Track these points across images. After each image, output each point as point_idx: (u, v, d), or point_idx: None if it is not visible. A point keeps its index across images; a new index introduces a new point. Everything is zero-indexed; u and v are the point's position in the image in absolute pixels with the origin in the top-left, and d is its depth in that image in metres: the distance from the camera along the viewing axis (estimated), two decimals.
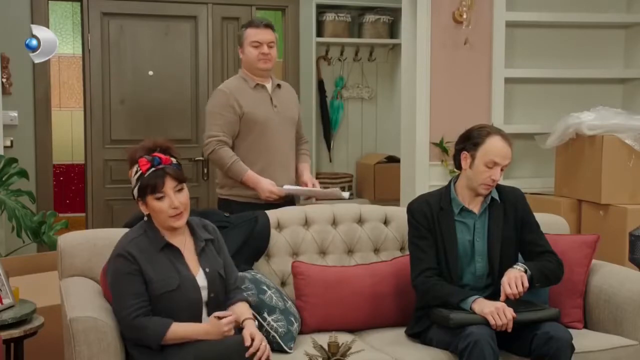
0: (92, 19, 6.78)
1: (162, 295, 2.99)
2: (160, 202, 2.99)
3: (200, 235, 3.16)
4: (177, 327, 2.94)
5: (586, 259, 3.82)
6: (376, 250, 3.98)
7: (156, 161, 2.99)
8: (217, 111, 4.27)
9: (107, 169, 7.02)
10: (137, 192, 3.01)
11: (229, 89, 4.34)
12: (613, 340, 3.56)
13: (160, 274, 3.01)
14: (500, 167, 3.48)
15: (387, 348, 3.45)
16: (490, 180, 3.46)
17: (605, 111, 5.32)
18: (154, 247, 3.05)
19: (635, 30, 6.14)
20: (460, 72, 5.73)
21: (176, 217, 3.02)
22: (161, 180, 2.98)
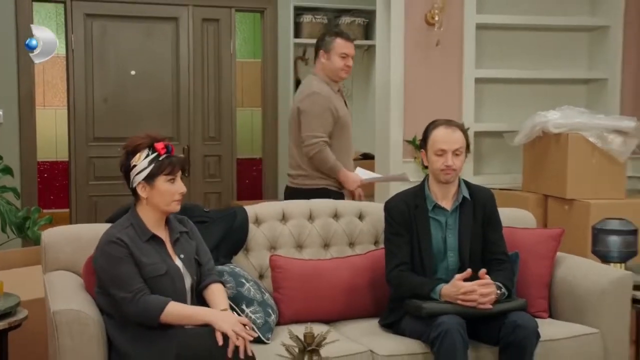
0: (76, 20, 6.76)
1: (152, 279, 3.01)
2: (171, 185, 3.08)
3: (176, 227, 3.20)
4: (175, 306, 2.96)
5: (551, 251, 3.85)
6: (351, 244, 3.99)
7: (169, 148, 3.11)
8: (320, 113, 4.44)
9: (90, 165, 7.03)
10: (149, 173, 3.05)
11: (324, 92, 4.50)
12: (576, 328, 3.58)
13: (150, 259, 3.04)
14: (450, 152, 3.48)
15: (362, 338, 3.46)
16: (444, 166, 3.48)
17: (570, 110, 5.36)
18: (141, 238, 3.07)
19: (599, 33, 6.19)
20: (433, 73, 5.75)
21: (178, 202, 3.13)
22: (177, 165, 3.11)
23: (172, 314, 2.94)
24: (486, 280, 3.32)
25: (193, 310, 3.02)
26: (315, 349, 2.35)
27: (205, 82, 7.31)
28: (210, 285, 3.18)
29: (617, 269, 3.87)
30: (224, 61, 7.36)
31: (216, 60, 7.34)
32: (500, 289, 3.36)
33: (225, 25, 7.37)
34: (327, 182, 4.49)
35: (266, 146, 7.68)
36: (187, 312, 3.00)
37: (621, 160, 5.20)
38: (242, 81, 8.13)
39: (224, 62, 7.37)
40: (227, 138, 7.41)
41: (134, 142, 3.11)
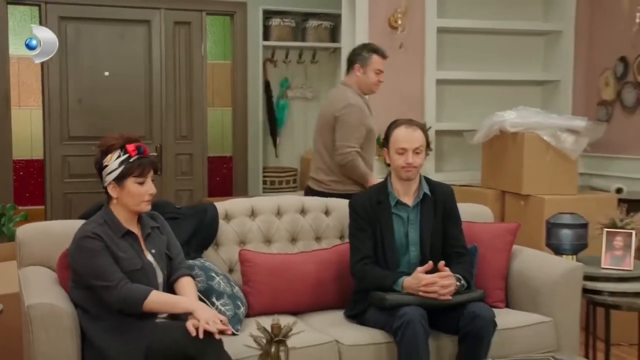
0: (50, 22, 6.69)
1: (129, 274, 2.99)
2: (140, 187, 3.06)
3: (147, 223, 3.19)
4: (158, 295, 2.97)
5: (508, 245, 3.89)
6: (318, 239, 3.99)
7: (141, 150, 3.08)
8: (355, 125, 4.51)
9: (65, 164, 6.98)
10: (119, 174, 3.03)
11: (360, 105, 4.59)
12: (531, 317, 3.62)
13: (126, 254, 3.03)
14: (411, 151, 3.51)
15: (328, 329, 3.47)
16: (405, 164, 3.51)
17: (526, 110, 5.41)
18: (116, 234, 3.06)
19: (552, 37, 6.27)
20: (396, 74, 5.77)
21: (148, 202, 3.10)
22: (148, 167, 3.07)
23: (154, 302, 2.94)
24: (446, 272, 3.35)
25: (175, 298, 3.02)
26: (282, 340, 2.36)
27: (177, 82, 7.28)
28: (181, 278, 3.17)
29: (569, 260, 3.91)
30: (195, 63, 7.34)
31: (188, 61, 7.31)
32: (459, 281, 3.39)
33: (196, 28, 7.34)
34: (357, 188, 4.51)
35: (236, 145, 7.67)
36: (170, 300, 3.00)
37: (573, 158, 5.26)
38: (213, 82, 8.11)
39: (195, 64, 7.34)
40: (198, 137, 7.38)
41: (108, 142, 3.08)
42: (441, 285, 3.31)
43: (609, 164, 6.02)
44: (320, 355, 3.28)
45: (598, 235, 4.04)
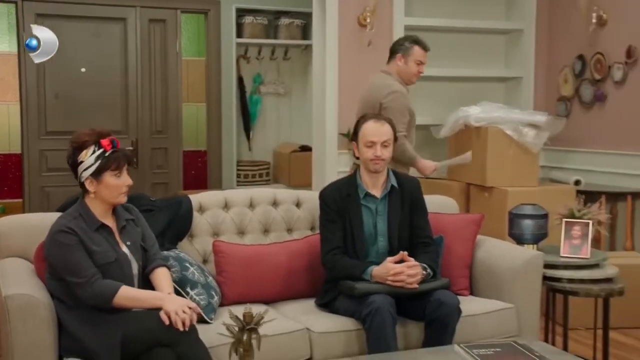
0: (27, 19, 6.63)
1: (102, 266, 2.97)
2: (117, 179, 3.03)
3: (122, 216, 3.16)
4: (127, 291, 2.93)
5: (472, 235, 3.91)
6: (289, 230, 3.98)
7: (115, 143, 3.06)
8: (402, 110, 4.55)
9: (42, 158, 6.93)
10: (96, 169, 3.00)
11: (403, 93, 4.63)
12: (494, 304, 3.63)
13: (100, 247, 3.00)
14: (379, 144, 3.51)
15: (299, 317, 3.47)
16: (373, 156, 3.51)
17: (489, 106, 5.44)
18: (90, 227, 3.03)
19: (514, 36, 6.31)
20: (365, 71, 5.76)
21: (125, 194, 3.09)
22: (123, 160, 3.06)
23: (124, 297, 2.91)
24: (412, 262, 3.36)
25: (144, 293, 2.99)
26: (254, 328, 2.35)
27: (152, 79, 7.24)
28: (156, 269, 3.15)
29: (530, 249, 3.93)
30: (170, 59, 7.30)
31: (163, 58, 7.27)
32: (425, 270, 3.40)
33: (171, 25, 7.30)
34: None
35: (210, 139, 7.66)
36: (138, 296, 2.97)
37: (534, 152, 5.30)
38: (188, 78, 8.07)
39: (170, 60, 7.30)
40: (173, 132, 7.35)
41: (81, 139, 3.04)
42: (408, 274, 3.32)
43: (568, 157, 6.08)
44: (292, 343, 3.28)
45: (557, 225, 4.07)
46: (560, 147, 6.04)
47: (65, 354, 2.95)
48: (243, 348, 2.34)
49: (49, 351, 2.91)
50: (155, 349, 2.83)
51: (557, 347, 3.64)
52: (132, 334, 2.85)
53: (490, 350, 2.87)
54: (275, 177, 7.81)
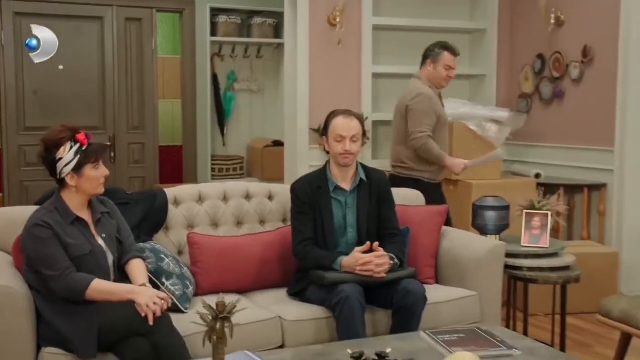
0: (5, 18, 6.54)
1: (78, 258, 2.94)
2: (96, 171, 3.03)
3: (98, 209, 3.14)
4: (99, 283, 2.91)
5: (438, 226, 3.93)
6: (262, 222, 3.97)
7: (89, 137, 3.04)
8: (426, 111, 4.54)
9: (21, 153, 6.86)
10: (76, 164, 2.97)
11: (430, 95, 4.60)
12: (458, 292, 3.66)
13: (75, 240, 2.97)
14: (348, 139, 3.51)
15: (272, 306, 3.47)
16: (343, 151, 3.51)
17: (455, 102, 5.47)
18: (65, 220, 3.00)
19: (477, 35, 6.34)
20: (335, 68, 5.78)
21: (102, 185, 3.07)
22: (100, 152, 3.05)
23: (96, 291, 2.89)
24: (380, 252, 3.37)
25: (115, 287, 2.96)
26: (227, 317, 2.33)
27: (129, 76, 7.17)
28: (131, 260, 3.13)
29: (493, 240, 3.96)
30: (146, 57, 7.23)
31: (139, 56, 7.20)
32: (393, 260, 3.41)
33: (147, 24, 7.23)
34: (420, 175, 4.60)
35: (186, 134, 7.62)
36: (110, 289, 2.93)
37: (497, 146, 5.33)
38: (163, 75, 8.00)
39: (146, 58, 7.23)
40: (149, 127, 7.28)
41: (56, 136, 3.00)
42: (376, 264, 3.33)
43: (529, 151, 6.13)
44: (265, 331, 3.28)
45: (518, 217, 4.11)
46: (522, 142, 6.09)
47: (44, 343, 2.93)
48: (216, 336, 2.32)
49: (27, 340, 2.89)
50: (131, 338, 2.82)
51: (517, 332, 3.67)
52: (109, 324, 2.83)
53: (455, 336, 2.88)
54: (249, 171, 7.78)
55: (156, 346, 2.81)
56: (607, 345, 4.20)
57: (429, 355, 2.71)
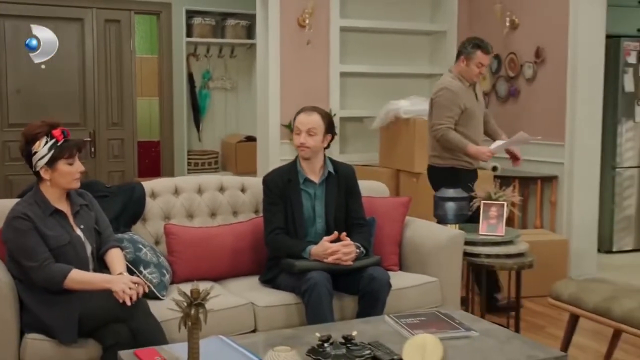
0: None
1: (57, 249, 2.90)
2: (70, 167, 2.96)
3: (76, 201, 3.09)
4: (77, 273, 2.86)
5: (401, 216, 3.93)
6: (235, 213, 3.94)
7: (65, 133, 2.98)
8: (447, 105, 4.46)
9: (5, 149, 6.75)
10: (50, 158, 2.91)
11: (454, 88, 4.50)
12: (420, 278, 3.67)
13: (53, 231, 2.92)
14: (304, 132, 3.48)
15: (244, 292, 3.44)
16: (299, 143, 3.50)
17: (417, 99, 5.48)
18: (44, 212, 2.95)
19: (437, 37, 6.35)
20: (304, 67, 5.76)
21: (78, 179, 3.01)
22: (74, 149, 2.98)
23: (74, 280, 2.85)
24: (347, 241, 3.36)
25: (92, 276, 2.92)
26: (201, 303, 2.31)
27: (108, 75, 7.10)
28: (110, 250, 3.10)
29: (453, 229, 3.97)
30: (124, 57, 7.15)
31: (118, 56, 7.12)
32: (359, 248, 3.41)
33: (125, 25, 7.15)
34: (456, 162, 4.53)
35: (163, 130, 7.55)
36: (87, 279, 2.90)
37: None
38: (141, 74, 7.93)
39: (125, 58, 7.15)
40: (128, 123, 7.21)
41: (33, 131, 2.95)
42: (343, 252, 3.32)
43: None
44: (238, 316, 3.26)
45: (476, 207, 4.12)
46: None
47: (27, 330, 2.89)
48: (191, 322, 2.30)
49: (10, 326, 2.86)
50: (110, 324, 2.80)
51: (475, 315, 3.68)
52: (89, 312, 2.81)
53: (417, 320, 2.89)
54: (224, 165, 7.74)
55: (134, 331, 2.78)
56: (557, 326, 4.24)
57: (392, 338, 2.70)
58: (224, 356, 2.52)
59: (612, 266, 5.61)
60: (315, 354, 2.47)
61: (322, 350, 2.48)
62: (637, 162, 6.25)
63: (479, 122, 4.65)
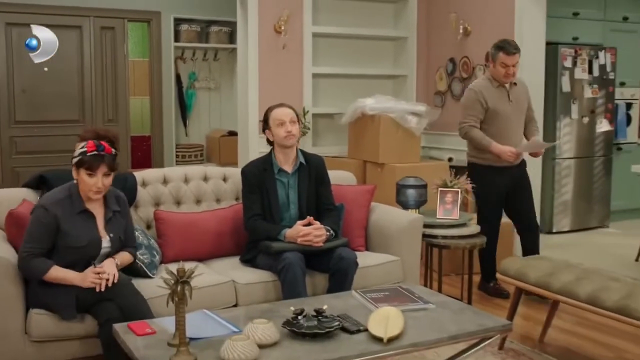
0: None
1: (71, 248, 2.82)
2: (90, 178, 2.82)
3: (111, 206, 2.98)
4: (56, 270, 2.79)
5: (367, 202, 3.90)
6: (218, 200, 3.89)
7: (100, 148, 2.83)
8: (469, 105, 4.26)
9: (12, 143, 6.72)
10: (76, 162, 2.83)
11: (478, 88, 4.27)
12: (384, 257, 3.65)
13: (75, 231, 2.82)
14: (288, 122, 3.46)
15: (227, 271, 3.40)
16: (286, 133, 3.46)
17: (381, 98, 5.46)
18: (74, 209, 2.86)
19: (400, 42, 6.33)
20: (280, 69, 5.71)
21: (95, 193, 2.86)
22: (97, 163, 2.81)
23: (52, 277, 2.78)
24: (318, 225, 3.34)
25: (66, 274, 2.80)
26: (186, 281, 2.28)
27: (104, 76, 7.03)
28: (121, 252, 3.01)
29: (413, 213, 3.96)
30: (119, 60, 7.09)
31: (113, 59, 7.05)
32: (329, 231, 3.39)
33: (119, 32, 7.08)
34: (478, 160, 4.30)
35: (154, 126, 7.51)
36: (62, 276, 2.79)
37: (417, 135, 5.35)
38: (134, 76, 7.85)
39: (119, 61, 7.09)
40: (122, 120, 7.16)
41: (84, 134, 2.95)
42: (315, 234, 3.30)
43: (443, 139, 6.16)
44: (220, 292, 3.22)
45: (434, 194, 4.12)
46: (437, 132, 6.12)
47: (32, 306, 2.85)
48: (178, 297, 2.27)
49: (17, 302, 2.83)
50: (102, 302, 2.76)
51: (433, 290, 3.68)
52: (82, 292, 2.78)
53: (381, 294, 2.88)
54: (208, 157, 7.68)
55: (122, 308, 2.75)
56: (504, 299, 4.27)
57: (359, 311, 2.69)
58: (208, 328, 2.50)
59: (552, 245, 5.66)
60: (290, 325, 2.45)
61: (296, 322, 2.46)
62: (574, 153, 6.30)
63: (508, 122, 4.27)
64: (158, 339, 2.39)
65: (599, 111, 6.38)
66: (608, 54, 6.35)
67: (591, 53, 6.24)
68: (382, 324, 2.43)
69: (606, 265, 4.36)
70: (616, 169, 6.54)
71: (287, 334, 2.43)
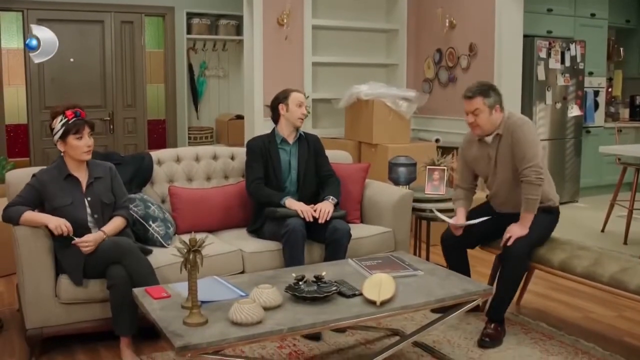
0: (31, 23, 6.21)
1: (59, 209, 2.81)
2: (79, 141, 2.84)
3: (92, 173, 2.96)
4: (30, 214, 2.78)
5: (362, 178, 3.85)
6: (226, 177, 3.83)
7: (78, 114, 2.87)
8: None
9: (43, 127, 6.66)
10: (62, 134, 2.83)
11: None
12: (377, 229, 3.61)
13: (60, 192, 2.84)
14: (304, 106, 3.56)
15: (234, 241, 3.37)
16: (302, 115, 3.54)
17: (375, 84, 5.39)
18: (61, 175, 2.88)
19: (391, 34, 6.25)
20: (283, 58, 5.64)
21: (87, 153, 2.88)
22: (82, 126, 2.85)
23: (26, 220, 2.76)
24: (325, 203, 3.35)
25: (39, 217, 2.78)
26: (198, 250, 2.24)
27: (123, 65, 6.95)
28: (114, 217, 2.96)
29: (404, 189, 3.90)
30: (137, 51, 6.99)
31: (131, 50, 6.96)
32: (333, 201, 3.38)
33: (137, 25, 6.99)
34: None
35: (168, 111, 7.42)
36: (35, 218, 2.77)
37: (407, 118, 5.28)
38: (150, 65, 7.74)
39: (137, 52, 7.00)
40: (140, 105, 7.07)
41: (55, 110, 2.90)
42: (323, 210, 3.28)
43: (430, 122, 6.11)
44: (229, 260, 3.18)
45: (423, 171, 4.07)
46: (425, 115, 6.06)
47: (60, 271, 2.84)
48: (190, 265, 2.23)
49: (47, 268, 2.81)
50: (110, 266, 2.74)
51: (421, 258, 3.65)
52: (91, 258, 2.77)
53: (374, 262, 2.85)
54: (217, 139, 7.62)
55: (129, 272, 2.72)
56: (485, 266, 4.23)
57: (354, 277, 2.66)
58: (217, 292, 2.47)
59: None
60: (292, 290, 2.42)
61: (298, 287, 2.43)
62: (548, 135, 6.25)
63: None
64: (173, 302, 2.36)
65: (570, 98, 6.33)
66: (578, 46, 6.29)
67: (563, 45, 6.17)
68: (376, 289, 2.40)
69: (576, 236, 4.32)
70: (585, 149, 6.50)
71: (290, 297, 2.40)
